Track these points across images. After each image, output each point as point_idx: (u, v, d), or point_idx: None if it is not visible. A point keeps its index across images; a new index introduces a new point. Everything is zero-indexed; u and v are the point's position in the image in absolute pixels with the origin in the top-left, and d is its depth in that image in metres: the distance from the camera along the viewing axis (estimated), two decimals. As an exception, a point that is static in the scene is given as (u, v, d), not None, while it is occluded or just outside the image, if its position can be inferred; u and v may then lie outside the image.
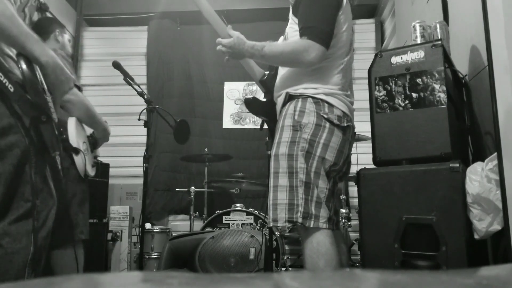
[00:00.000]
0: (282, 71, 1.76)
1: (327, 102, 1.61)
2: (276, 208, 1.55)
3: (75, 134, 2.02)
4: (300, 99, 1.63)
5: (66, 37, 2.40)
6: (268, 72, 1.87)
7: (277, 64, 1.79)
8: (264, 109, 1.86)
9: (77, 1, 4.44)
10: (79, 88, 2.11)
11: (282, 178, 1.57)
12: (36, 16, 1.36)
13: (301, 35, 1.59)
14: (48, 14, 1.46)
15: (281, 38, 1.86)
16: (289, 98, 1.66)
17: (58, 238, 1.96)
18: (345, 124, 1.63)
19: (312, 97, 1.62)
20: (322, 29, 1.57)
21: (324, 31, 1.57)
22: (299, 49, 1.56)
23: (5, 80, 1.13)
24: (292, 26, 1.70)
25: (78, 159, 2.03)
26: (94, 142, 2.21)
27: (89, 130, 2.22)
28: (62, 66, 1.29)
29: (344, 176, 1.77)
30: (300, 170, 1.55)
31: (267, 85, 1.86)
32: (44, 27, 2.35)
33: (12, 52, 1.21)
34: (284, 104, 1.68)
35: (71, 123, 2.04)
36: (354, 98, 1.78)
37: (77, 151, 2.02)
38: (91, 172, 2.15)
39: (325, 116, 1.59)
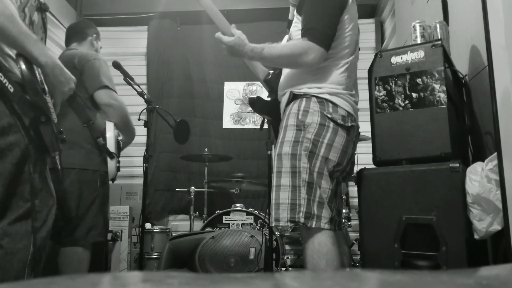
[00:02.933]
0: (286, 70, 1.76)
1: (331, 102, 1.61)
2: (278, 208, 1.55)
3: (113, 139, 2.07)
4: (304, 99, 1.63)
5: (100, 44, 2.41)
6: (272, 71, 1.87)
7: (277, 66, 1.80)
8: (268, 108, 1.86)
9: (77, 1, 4.44)
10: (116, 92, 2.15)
11: (284, 177, 1.57)
12: (36, 16, 1.35)
13: (302, 36, 1.61)
14: (48, 14, 1.46)
15: (286, 37, 1.86)
16: (293, 97, 1.66)
17: (72, 237, 1.99)
18: (349, 124, 1.63)
19: (316, 97, 1.62)
20: (322, 31, 1.58)
21: (325, 33, 1.58)
22: (298, 52, 1.58)
23: (5, 80, 1.13)
24: (296, 25, 1.70)
25: (111, 164, 2.08)
26: (119, 147, 2.25)
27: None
28: (61, 67, 1.29)
29: (347, 176, 1.77)
30: (303, 170, 1.55)
31: (271, 84, 1.86)
32: (82, 29, 2.36)
33: (12, 52, 1.21)
34: (288, 103, 1.67)
35: (110, 128, 2.09)
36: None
37: (112, 155, 2.06)
38: (116, 176, 2.21)
39: (329, 115, 1.59)
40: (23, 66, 1.15)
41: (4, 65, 1.15)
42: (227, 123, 4.32)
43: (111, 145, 2.08)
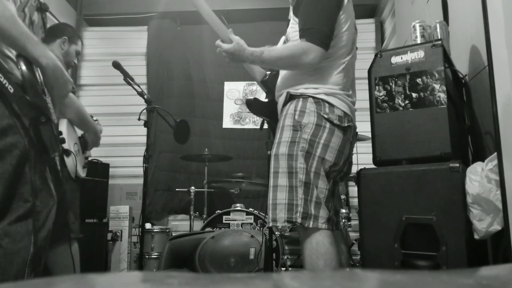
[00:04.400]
0: (283, 71, 1.76)
1: (328, 102, 1.61)
2: (275, 208, 1.55)
3: (66, 136, 2.03)
4: (300, 99, 1.63)
5: (74, 48, 2.36)
6: (269, 72, 1.87)
7: (278, 68, 1.80)
8: (265, 109, 1.86)
9: (77, 1, 4.44)
10: (73, 90, 2.12)
11: (281, 178, 1.57)
12: (36, 16, 1.36)
13: (300, 37, 1.60)
14: (48, 14, 1.46)
15: (283, 38, 1.86)
16: (290, 97, 1.66)
17: (52, 237, 1.97)
18: (346, 125, 1.63)
19: (313, 97, 1.62)
20: (321, 31, 1.57)
21: (323, 32, 1.58)
22: (298, 52, 1.57)
23: (5, 81, 1.13)
24: (293, 26, 1.70)
25: (68, 161, 2.05)
26: (85, 143, 2.22)
27: (79, 131, 2.24)
28: (61, 68, 1.29)
29: (345, 176, 1.77)
30: (300, 170, 1.55)
31: (269, 85, 1.86)
32: (53, 31, 2.33)
33: (12, 53, 1.21)
34: (284, 104, 1.68)
35: (63, 124, 2.06)
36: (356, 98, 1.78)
37: (68, 152, 2.04)
38: (82, 173, 2.17)
39: (326, 116, 1.59)
40: (24, 67, 1.15)
41: (4, 66, 1.15)
42: (227, 123, 4.32)
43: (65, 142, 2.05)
